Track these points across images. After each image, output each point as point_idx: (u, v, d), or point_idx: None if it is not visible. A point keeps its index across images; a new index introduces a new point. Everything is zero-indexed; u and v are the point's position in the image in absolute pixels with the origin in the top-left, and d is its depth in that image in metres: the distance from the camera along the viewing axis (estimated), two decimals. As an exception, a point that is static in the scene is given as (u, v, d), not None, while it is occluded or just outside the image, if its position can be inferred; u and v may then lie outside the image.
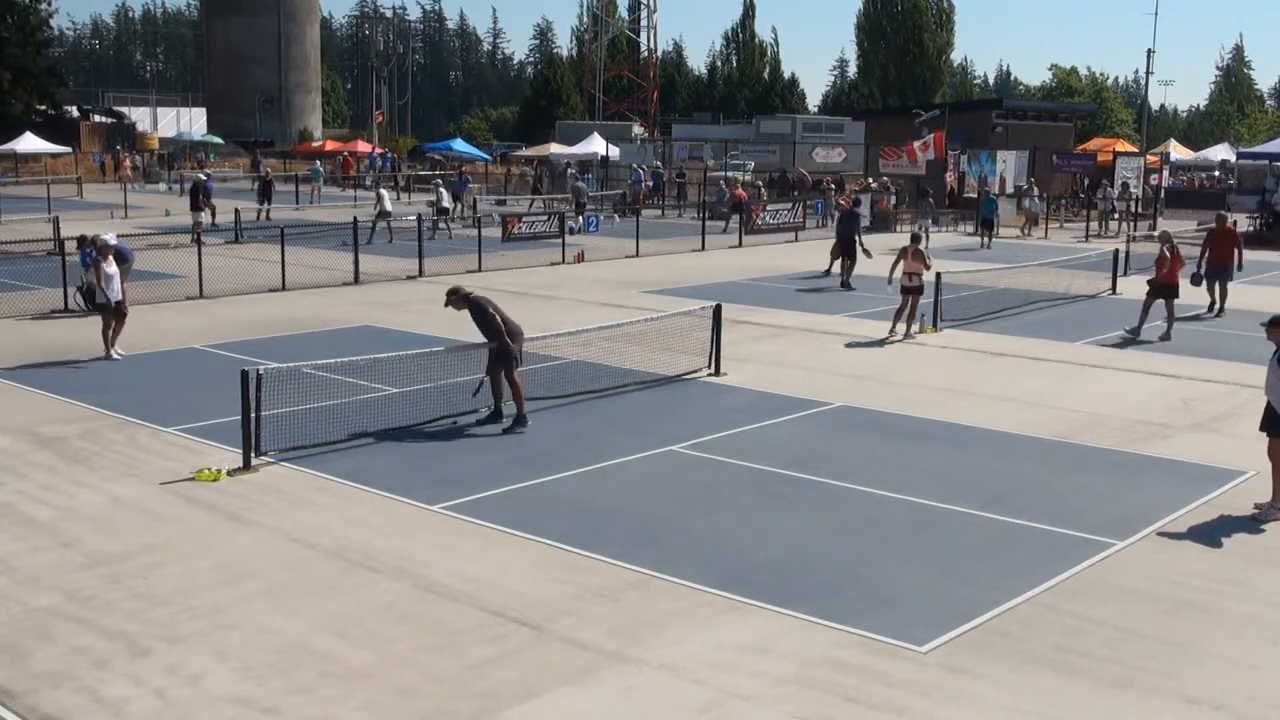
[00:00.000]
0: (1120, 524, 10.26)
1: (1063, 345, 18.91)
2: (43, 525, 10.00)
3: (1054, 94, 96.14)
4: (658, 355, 16.96)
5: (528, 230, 33.39)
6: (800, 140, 57.49)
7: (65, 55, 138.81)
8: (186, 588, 8.67)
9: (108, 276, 16.99)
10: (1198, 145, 73.82)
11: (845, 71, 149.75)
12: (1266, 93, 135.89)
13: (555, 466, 11.78)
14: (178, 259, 27.13)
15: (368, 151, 68.81)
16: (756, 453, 12.42)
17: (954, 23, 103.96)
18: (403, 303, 22.43)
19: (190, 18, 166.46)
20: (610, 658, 7.63)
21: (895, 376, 16.31)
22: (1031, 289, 23.89)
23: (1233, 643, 7.98)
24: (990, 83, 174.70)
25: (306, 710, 6.91)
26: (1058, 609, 8.46)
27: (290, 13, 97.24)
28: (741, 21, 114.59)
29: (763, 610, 8.37)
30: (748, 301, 22.92)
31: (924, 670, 7.50)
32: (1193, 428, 13.80)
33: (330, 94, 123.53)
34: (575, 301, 22.74)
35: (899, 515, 10.48)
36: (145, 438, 12.75)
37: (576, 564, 9.24)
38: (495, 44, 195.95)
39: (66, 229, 26.71)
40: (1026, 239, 37.67)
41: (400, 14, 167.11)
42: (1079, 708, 7.06)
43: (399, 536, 9.80)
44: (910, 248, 19.46)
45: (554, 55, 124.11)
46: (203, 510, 10.43)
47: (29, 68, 73.32)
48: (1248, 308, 22.63)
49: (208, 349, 17.76)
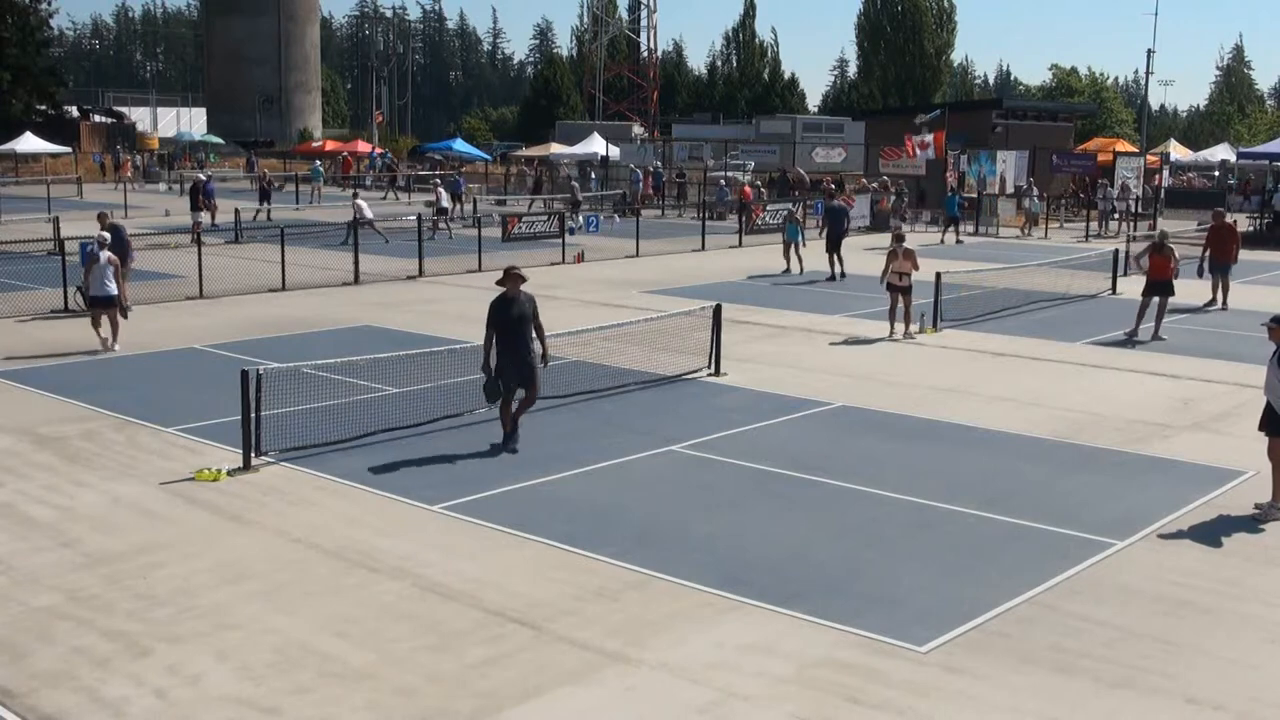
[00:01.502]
0: (1120, 524, 10.26)
1: (1063, 345, 18.90)
2: (43, 525, 10.00)
3: (1054, 94, 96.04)
4: (658, 355, 16.96)
5: (528, 230, 33.40)
6: (800, 140, 57.48)
7: (65, 55, 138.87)
8: (186, 588, 8.67)
9: (101, 268, 17.25)
10: (1198, 145, 73.77)
11: (845, 71, 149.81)
12: (1266, 93, 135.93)
13: (555, 466, 11.78)
14: (178, 259, 27.14)
15: (368, 151, 68.78)
16: (756, 453, 12.42)
17: (954, 23, 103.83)
18: (403, 303, 22.44)
19: (190, 18, 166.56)
20: (610, 658, 7.63)
21: (895, 376, 16.30)
22: (1031, 289, 23.88)
23: (1232, 643, 7.98)
24: (990, 83, 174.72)
25: (306, 710, 6.91)
26: (1057, 609, 8.46)
27: (290, 13, 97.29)
28: (741, 21, 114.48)
29: (763, 610, 8.37)
30: (748, 301, 22.92)
31: (924, 670, 7.50)
32: (1193, 428, 13.80)
33: (330, 94, 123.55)
34: (575, 301, 22.74)
35: (899, 515, 10.47)
36: (145, 438, 12.75)
37: (576, 564, 9.24)
38: (495, 44, 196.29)
39: (66, 229, 26.71)
40: (1026, 239, 37.68)
41: (400, 14, 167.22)
42: (1078, 708, 7.06)
43: (399, 536, 9.80)
44: (899, 248, 19.47)
45: (554, 55, 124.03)
46: (203, 510, 10.43)
47: (29, 68, 73.31)
48: (1248, 307, 22.64)
49: (208, 349, 17.76)
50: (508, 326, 12.22)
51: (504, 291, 12.32)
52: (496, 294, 12.42)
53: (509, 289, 12.30)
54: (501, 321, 12.24)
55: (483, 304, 12.89)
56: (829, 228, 27.52)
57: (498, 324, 12.25)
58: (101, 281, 17.27)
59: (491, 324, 12.29)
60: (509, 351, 12.25)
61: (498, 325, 12.25)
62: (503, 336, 12.24)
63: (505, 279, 12.36)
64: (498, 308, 12.29)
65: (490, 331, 12.28)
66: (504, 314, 12.24)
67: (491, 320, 12.30)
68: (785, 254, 28.13)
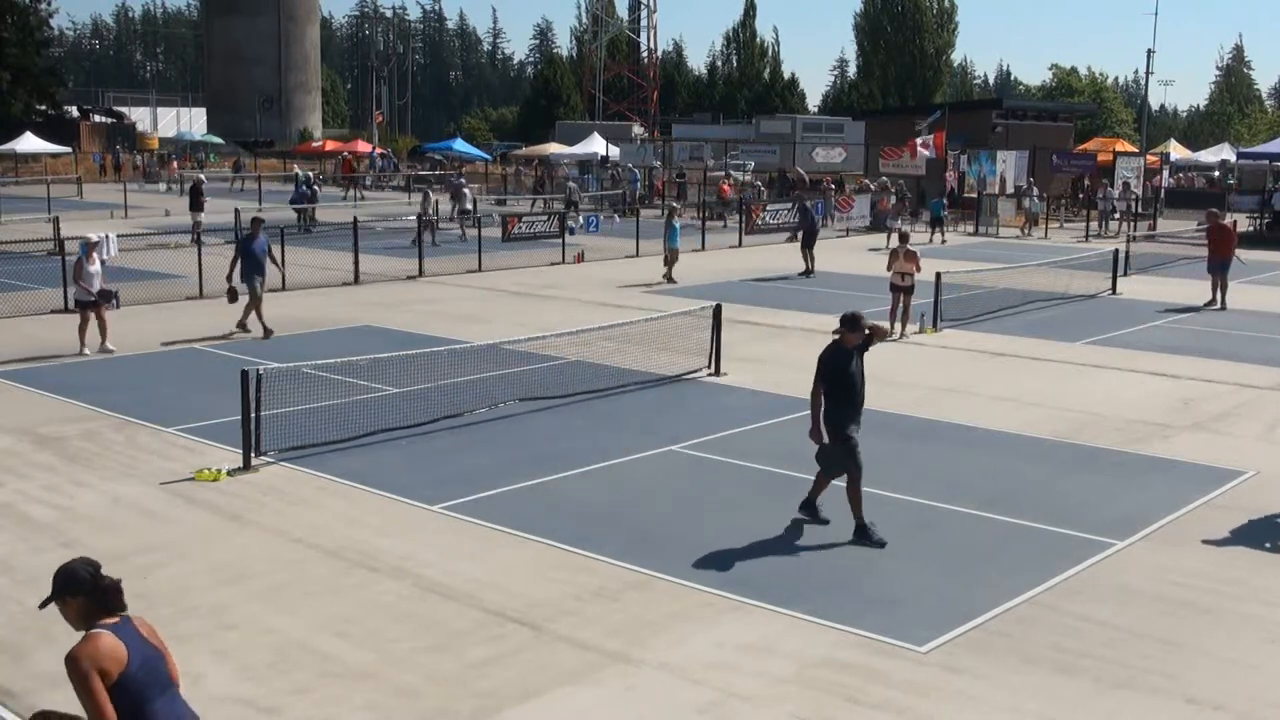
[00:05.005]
0: (1120, 524, 10.26)
1: (1063, 345, 18.90)
2: (43, 525, 10.00)
3: (1054, 94, 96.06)
4: (658, 355, 16.96)
5: (528, 230, 33.36)
6: (800, 140, 57.40)
7: (65, 55, 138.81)
8: (186, 588, 8.67)
9: (89, 275, 17.33)
10: (1198, 145, 73.74)
11: (845, 71, 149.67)
12: (1266, 93, 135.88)
13: (555, 466, 11.77)
14: (178, 259, 27.12)
15: (368, 151, 68.78)
16: (756, 453, 12.42)
17: (955, 23, 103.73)
18: (403, 303, 22.43)
19: (190, 18, 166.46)
20: (610, 658, 7.63)
21: (895, 376, 16.30)
22: (1031, 289, 23.88)
23: (1233, 643, 7.98)
24: (990, 83, 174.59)
25: (306, 710, 6.91)
26: (1058, 609, 8.46)
27: (290, 13, 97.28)
28: (742, 21, 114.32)
29: (763, 610, 8.37)
30: (748, 301, 22.92)
31: (924, 670, 7.50)
32: (1193, 428, 13.80)
33: (330, 94, 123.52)
34: (575, 301, 22.74)
35: (899, 515, 10.47)
36: (145, 438, 12.75)
37: (576, 564, 9.24)
38: (495, 44, 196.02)
39: (66, 229, 26.70)
40: (1026, 239, 37.68)
41: (400, 14, 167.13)
42: (1078, 708, 7.06)
43: (399, 536, 9.80)
44: (901, 248, 19.56)
45: (554, 55, 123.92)
46: (203, 510, 10.43)
47: (29, 68, 73.26)
48: (1248, 307, 22.66)
49: (208, 349, 17.76)
50: (846, 381, 9.91)
51: (838, 341, 9.99)
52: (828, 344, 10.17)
53: (852, 339, 9.95)
54: (838, 375, 9.89)
55: (483, 304, 12.88)
56: (802, 225, 28.34)
57: (833, 378, 9.88)
58: (92, 284, 17.30)
59: (823, 377, 9.90)
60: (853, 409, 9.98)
61: (833, 379, 9.88)
62: (841, 392, 9.88)
63: (853, 328, 9.93)
64: (834, 359, 9.93)
65: (822, 385, 9.90)
66: (841, 366, 9.90)
67: (825, 373, 9.91)
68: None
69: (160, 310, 21.11)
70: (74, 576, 4.72)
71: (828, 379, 9.86)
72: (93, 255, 17.66)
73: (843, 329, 9.94)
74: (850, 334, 9.93)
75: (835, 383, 9.85)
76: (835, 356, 9.91)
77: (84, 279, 17.31)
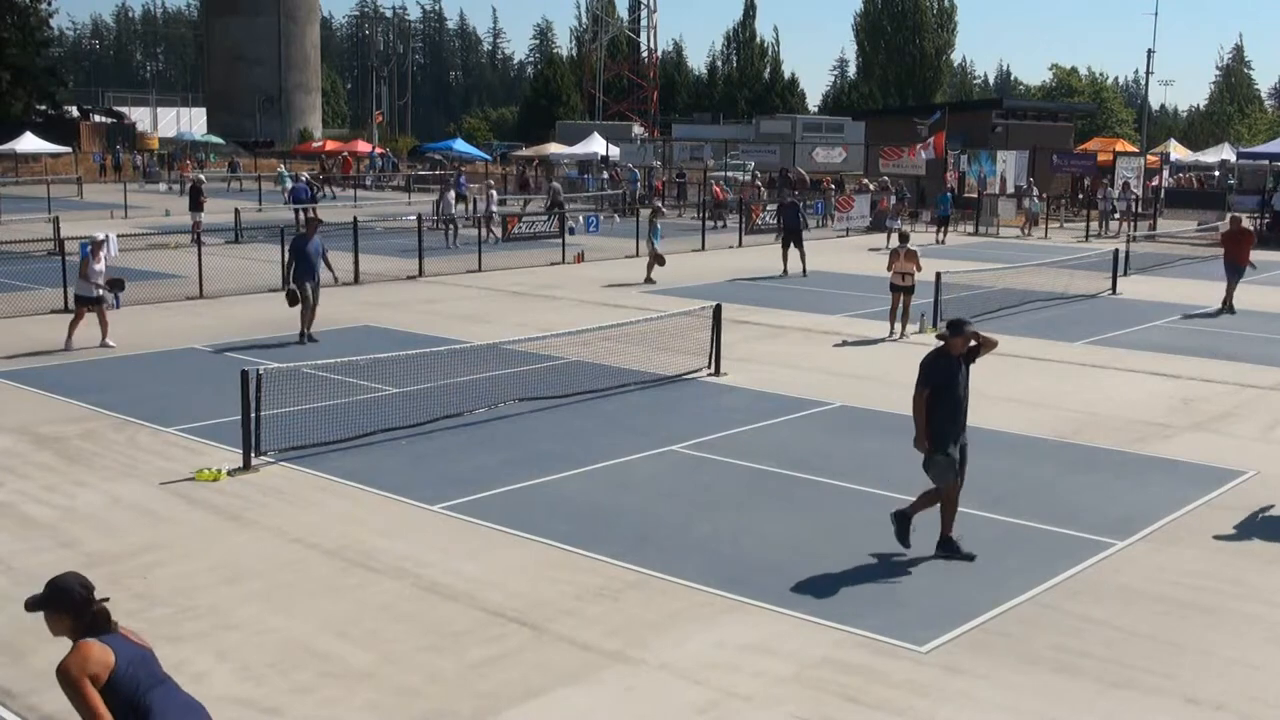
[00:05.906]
0: (1120, 524, 10.26)
1: (1063, 345, 18.90)
2: (43, 525, 9.99)
3: (1054, 94, 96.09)
4: (658, 355, 16.96)
5: (528, 230, 33.33)
6: (800, 140, 57.47)
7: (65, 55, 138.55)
8: (186, 588, 8.67)
9: (95, 273, 17.57)
10: (1198, 145, 73.71)
11: (845, 71, 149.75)
12: (1266, 93, 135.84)
13: (555, 466, 11.77)
14: (178, 259, 27.12)
15: (368, 151, 68.78)
16: (756, 453, 12.42)
17: (954, 23, 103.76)
18: (403, 303, 22.43)
19: (190, 18, 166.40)
20: (610, 658, 7.62)
21: (895, 376, 16.27)
22: (1031, 289, 23.87)
23: (1233, 643, 7.98)
24: (990, 83, 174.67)
25: (306, 710, 6.91)
26: (1058, 609, 8.46)
27: (290, 13, 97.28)
28: (742, 21, 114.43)
29: (763, 610, 8.37)
30: (748, 301, 22.92)
31: (924, 670, 7.49)
32: (1193, 428, 13.80)
33: (330, 94, 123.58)
34: (575, 301, 22.74)
35: (899, 515, 10.45)
36: (145, 438, 12.75)
37: (576, 564, 9.23)
38: (495, 44, 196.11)
39: (66, 229, 26.69)
40: (1026, 239, 37.68)
41: (400, 14, 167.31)
42: (1079, 708, 7.06)
43: (399, 536, 9.80)
44: (902, 248, 19.58)
45: (554, 55, 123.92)
46: (203, 510, 10.42)
47: (29, 68, 73.29)
48: (1249, 307, 22.65)
49: (208, 349, 17.76)
50: (947, 393, 9.41)
51: (942, 347, 9.53)
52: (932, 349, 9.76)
53: (956, 344, 9.44)
54: (939, 385, 9.40)
55: (483, 304, 12.87)
56: (784, 223, 28.46)
57: (934, 387, 9.39)
58: (98, 281, 17.57)
59: (926, 383, 9.42)
60: (953, 425, 9.47)
61: (934, 388, 9.39)
62: (940, 404, 9.40)
63: (957, 332, 9.46)
64: (936, 364, 9.48)
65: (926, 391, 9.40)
66: (945, 374, 9.42)
67: (927, 379, 9.43)
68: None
69: (160, 310, 21.11)
70: (67, 595, 4.75)
71: (930, 386, 9.32)
72: (98, 254, 17.84)
73: (946, 334, 9.51)
74: (954, 339, 9.41)
75: (936, 392, 9.31)
76: (937, 362, 9.41)
77: (91, 276, 17.49)
